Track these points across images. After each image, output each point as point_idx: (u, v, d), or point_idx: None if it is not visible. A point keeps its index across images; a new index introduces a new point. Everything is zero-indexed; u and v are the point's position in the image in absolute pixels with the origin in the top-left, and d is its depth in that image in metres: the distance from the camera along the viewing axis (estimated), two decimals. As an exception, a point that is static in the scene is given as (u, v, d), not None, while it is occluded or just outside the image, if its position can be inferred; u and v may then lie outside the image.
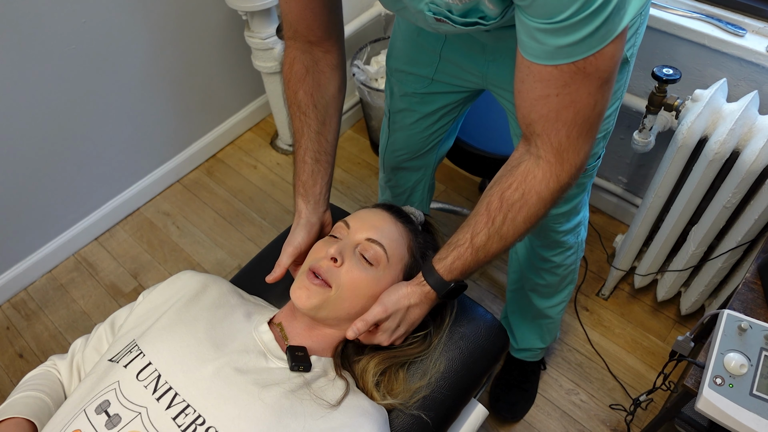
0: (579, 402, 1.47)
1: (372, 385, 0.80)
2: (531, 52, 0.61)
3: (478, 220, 0.72)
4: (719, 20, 1.25)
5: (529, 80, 0.63)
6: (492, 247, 0.73)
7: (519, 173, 0.69)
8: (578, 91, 0.61)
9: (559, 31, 0.57)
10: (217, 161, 2.12)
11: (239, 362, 0.73)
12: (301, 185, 0.90)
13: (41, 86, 1.53)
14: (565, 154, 0.66)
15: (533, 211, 0.70)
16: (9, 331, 1.69)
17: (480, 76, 0.98)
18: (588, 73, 0.60)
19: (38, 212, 1.71)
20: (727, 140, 1.12)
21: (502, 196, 0.70)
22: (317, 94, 0.89)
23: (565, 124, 0.64)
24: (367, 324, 0.77)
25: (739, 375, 0.86)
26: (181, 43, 1.80)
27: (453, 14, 0.67)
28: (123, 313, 0.87)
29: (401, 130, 1.18)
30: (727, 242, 1.27)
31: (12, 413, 0.73)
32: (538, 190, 0.68)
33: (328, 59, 0.89)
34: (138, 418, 0.66)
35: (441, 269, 0.76)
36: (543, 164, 0.67)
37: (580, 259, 1.24)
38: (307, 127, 0.89)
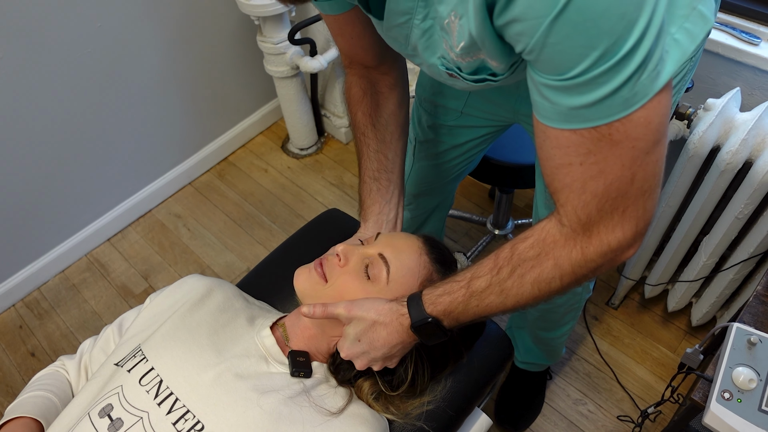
0: (586, 412, 1.45)
1: (371, 399, 0.79)
2: (543, 114, 0.54)
3: (483, 264, 0.64)
4: (734, 28, 1.24)
5: (546, 146, 0.55)
6: (488, 299, 0.63)
7: (538, 229, 0.60)
8: (606, 160, 0.51)
9: (572, 89, 0.49)
10: (229, 164, 2.14)
11: (240, 367, 0.74)
12: (361, 206, 0.91)
13: (56, 89, 1.56)
14: (595, 228, 0.56)
15: (545, 276, 0.60)
16: (22, 329, 1.71)
17: (511, 110, 0.95)
18: (615, 141, 0.50)
19: (52, 213, 1.74)
20: (739, 150, 1.10)
21: (514, 247, 0.62)
22: (375, 113, 0.89)
23: (595, 197, 0.54)
24: (324, 311, 0.71)
25: (748, 390, 0.85)
26: (194, 47, 1.82)
27: (462, 72, 0.63)
28: (131, 315, 0.88)
29: (427, 159, 1.16)
30: (739, 253, 1.25)
31: (20, 412, 0.75)
32: (557, 256, 0.58)
33: (386, 80, 0.89)
34: (139, 423, 0.67)
35: (425, 297, 0.68)
36: (567, 231, 0.57)
37: (584, 302, 1.20)
38: (366, 146, 0.90)
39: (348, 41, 0.84)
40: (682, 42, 0.58)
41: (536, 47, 0.49)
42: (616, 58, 0.46)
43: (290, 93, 1.92)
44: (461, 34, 0.56)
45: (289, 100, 1.94)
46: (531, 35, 0.48)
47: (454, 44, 0.58)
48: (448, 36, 0.58)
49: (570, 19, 0.45)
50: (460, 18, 0.54)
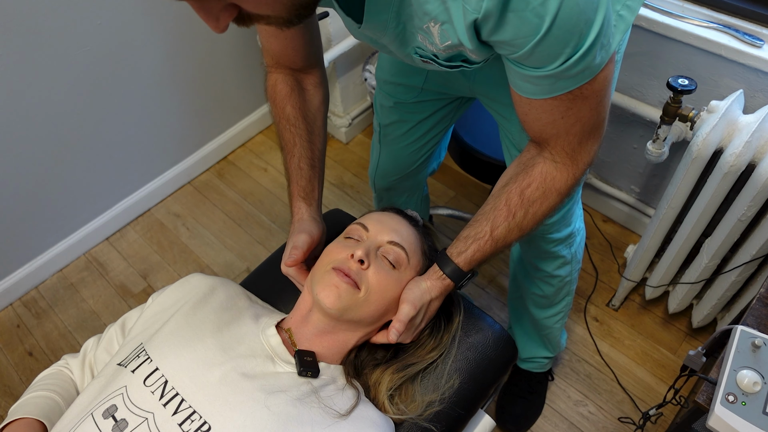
0: (587, 414, 1.45)
1: (385, 396, 0.79)
2: (528, 92, 0.66)
3: (497, 215, 0.76)
4: (737, 30, 1.24)
5: (532, 113, 0.69)
6: (510, 238, 0.77)
7: (537, 174, 0.74)
8: (581, 110, 0.67)
9: (553, 76, 0.61)
10: (228, 163, 2.13)
11: (246, 367, 0.73)
12: (300, 190, 0.91)
13: (55, 87, 1.55)
14: (578, 156, 0.72)
15: (553, 204, 0.76)
16: (19, 329, 1.70)
17: (468, 86, 1.01)
18: (586, 96, 0.65)
19: (50, 211, 1.73)
20: (743, 153, 1.10)
21: (522, 194, 0.74)
22: (304, 107, 0.92)
23: (576, 135, 0.70)
24: (403, 324, 0.77)
25: (753, 393, 0.85)
26: (195, 45, 1.81)
27: (438, 59, 0.71)
28: (134, 314, 0.87)
29: (393, 143, 1.19)
30: (741, 256, 1.25)
31: (23, 413, 0.74)
32: (558, 187, 0.74)
33: (310, 79, 0.93)
34: (145, 424, 0.66)
35: (461, 262, 0.79)
36: (560, 167, 0.73)
37: (576, 272, 1.23)
38: (299, 137, 0.91)
39: (282, 42, 0.87)
40: (625, 17, 0.71)
41: (522, 56, 0.61)
42: (583, 49, 0.59)
43: (291, 92, 1.91)
44: (444, 36, 0.64)
45: (290, 99, 1.93)
46: (518, 49, 0.60)
47: (437, 42, 0.65)
48: (429, 36, 0.65)
49: (552, 34, 0.57)
50: (441, 24, 0.62)
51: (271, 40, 0.88)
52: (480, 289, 1.72)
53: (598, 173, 1.77)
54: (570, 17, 0.56)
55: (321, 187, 0.93)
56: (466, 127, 1.41)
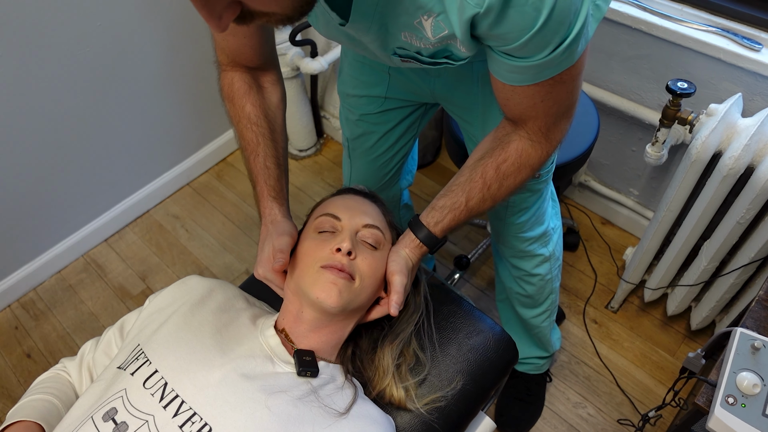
0: (586, 416, 1.45)
1: (393, 369, 0.82)
2: (513, 80, 0.69)
3: (473, 187, 0.80)
4: (735, 34, 1.24)
5: (514, 98, 0.72)
6: (483, 207, 0.82)
7: (513, 150, 0.78)
8: (559, 94, 0.71)
9: (542, 64, 0.64)
10: (227, 165, 2.13)
11: (246, 368, 0.73)
12: (270, 190, 0.87)
13: (54, 88, 1.54)
14: (552, 134, 0.77)
15: (525, 177, 0.80)
16: (17, 330, 1.70)
17: (429, 92, 1.01)
18: (564, 80, 0.69)
19: (49, 213, 1.72)
20: (741, 156, 1.11)
21: (498, 168, 0.79)
22: (264, 105, 0.90)
23: (552, 116, 0.75)
24: (402, 295, 0.79)
25: (752, 395, 0.85)
26: (194, 47, 1.82)
27: (422, 56, 0.72)
28: (132, 317, 0.87)
29: (363, 157, 1.19)
30: (740, 258, 1.26)
31: (21, 416, 0.74)
32: (532, 163, 0.79)
33: (267, 77, 0.92)
34: (145, 426, 0.66)
35: (438, 230, 0.82)
36: (536, 145, 0.78)
37: (556, 269, 1.24)
38: (262, 136, 0.88)
39: (240, 40, 0.85)
40: (601, 6, 0.74)
41: (514, 49, 0.63)
42: (570, 37, 0.62)
43: (290, 94, 1.91)
44: (439, 27, 0.64)
45: (290, 101, 1.93)
46: (512, 42, 0.62)
47: (429, 36, 0.67)
48: (418, 31, 0.67)
49: (547, 27, 0.59)
50: (437, 15, 0.63)
51: (228, 38, 0.85)
52: (479, 291, 1.72)
53: (597, 176, 1.78)
54: (563, 9, 0.58)
55: (287, 187, 0.91)
56: (465, 130, 1.41)
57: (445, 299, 0.96)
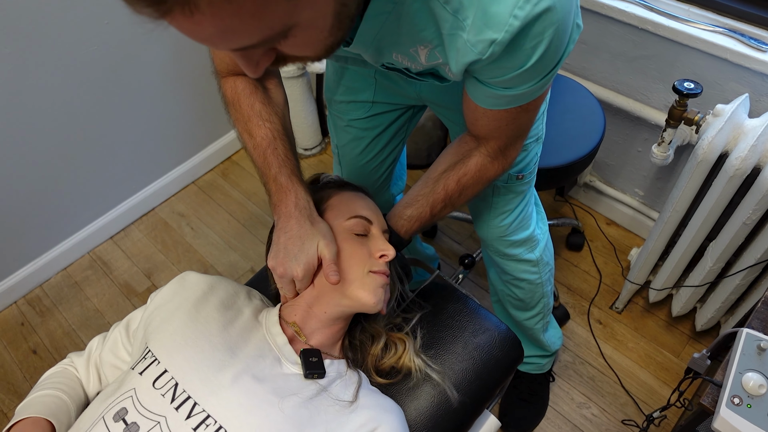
0: (590, 416, 1.45)
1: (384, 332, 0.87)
2: (487, 104, 0.73)
3: (436, 198, 0.88)
4: (742, 35, 1.24)
5: (483, 120, 0.78)
6: (444, 212, 0.90)
7: (473, 165, 0.85)
8: (522, 119, 0.77)
9: (520, 94, 0.69)
10: (233, 163, 2.13)
11: (256, 369, 0.73)
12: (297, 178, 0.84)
13: (61, 86, 1.55)
14: (508, 152, 0.84)
15: (481, 189, 0.88)
16: (23, 327, 1.71)
17: (415, 95, 1.02)
18: (530, 108, 0.74)
19: (55, 210, 1.73)
20: (748, 156, 1.10)
21: (459, 181, 0.86)
22: (271, 103, 0.88)
23: (511, 137, 0.82)
24: None
25: (758, 395, 0.85)
26: (200, 46, 1.82)
27: (410, 72, 0.76)
28: (137, 315, 0.86)
29: (352, 163, 1.19)
30: (746, 259, 1.25)
31: (30, 412, 0.74)
32: (488, 177, 0.87)
33: (268, 81, 0.90)
34: (157, 428, 0.66)
35: (407, 236, 0.91)
36: (494, 161, 0.85)
37: (546, 275, 1.23)
38: (277, 131, 0.85)
39: None
40: (580, 25, 0.75)
41: (499, 81, 0.67)
42: (552, 72, 0.66)
43: (296, 93, 1.92)
44: (433, 56, 0.68)
45: (295, 100, 1.94)
46: (500, 76, 0.65)
47: (421, 61, 0.70)
48: (411, 57, 0.70)
49: (537, 65, 0.63)
50: (434, 47, 0.65)
51: (225, 56, 0.84)
52: (484, 291, 1.72)
53: (603, 176, 1.78)
54: (555, 50, 0.62)
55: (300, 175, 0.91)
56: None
57: (450, 297, 0.96)
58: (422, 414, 0.83)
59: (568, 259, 1.77)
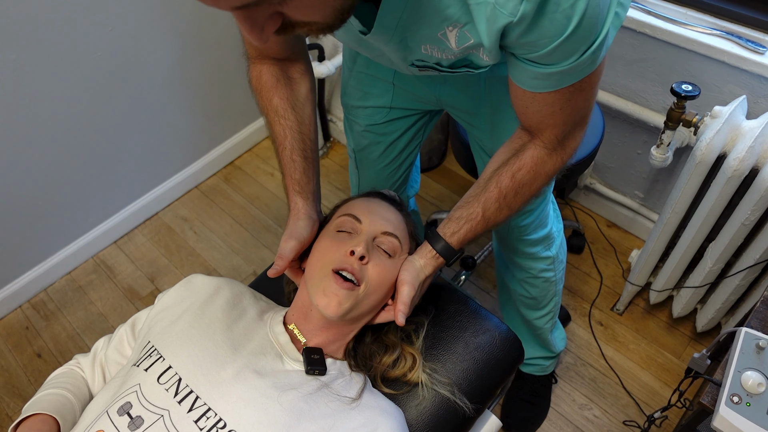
0: (592, 417, 1.46)
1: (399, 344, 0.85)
2: (535, 87, 0.69)
3: (488, 197, 0.80)
4: (739, 37, 1.25)
5: (534, 106, 0.72)
6: (500, 217, 0.81)
7: (528, 158, 0.78)
8: (577, 101, 0.71)
9: (566, 71, 0.64)
10: (235, 168, 2.15)
11: (257, 365, 0.74)
12: (295, 183, 0.88)
13: (67, 91, 1.57)
14: (567, 142, 0.77)
15: (541, 185, 0.80)
16: (28, 330, 1.72)
17: (434, 99, 1.01)
18: (584, 88, 0.69)
19: (59, 215, 1.75)
20: (746, 157, 1.11)
21: (513, 177, 0.78)
22: (292, 97, 0.89)
23: (568, 124, 0.75)
24: (407, 305, 0.79)
25: (757, 394, 0.85)
26: (204, 51, 1.84)
27: (442, 66, 0.73)
28: (143, 315, 0.88)
29: (370, 167, 1.19)
30: (745, 259, 1.26)
31: (36, 410, 0.75)
32: (547, 171, 0.79)
33: (296, 67, 0.91)
34: (160, 421, 0.67)
35: (454, 241, 0.82)
36: (551, 153, 0.78)
37: (560, 272, 1.24)
38: (289, 129, 0.88)
39: None
40: (620, 14, 0.74)
41: (541, 56, 0.63)
42: (596, 44, 0.62)
43: (297, 98, 1.93)
44: (464, 37, 0.64)
45: (297, 104, 1.95)
46: (540, 49, 0.62)
47: (452, 47, 0.67)
48: (441, 42, 0.67)
49: (576, 34, 0.59)
50: (462, 26, 0.63)
51: None
52: (485, 293, 1.73)
53: (603, 178, 1.78)
54: (592, 17, 0.58)
55: (317, 178, 0.91)
56: (471, 132, 1.42)
57: (451, 298, 0.97)
58: (423, 414, 0.84)
59: (569, 261, 1.78)
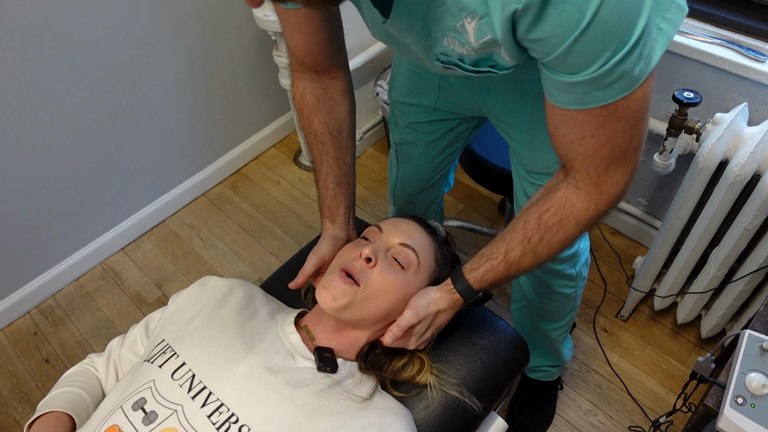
0: (597, 423, 1.46)
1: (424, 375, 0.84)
2: (561, 101, 0.63)
3: (513, 237, 0.74)
4: (740, 46, 1.27)
5: (563, 126, 0.66)
6: (525, 263, 0.75)
7: (557, 199, 0.71)
8: (613, 131, 0.63)
9: (588, 82, 0.59)
10: (241, 176, 2.17)
11: (269, 362, 0.76)
12: (326, 209, 0.94)
13: (77, 100, 1.60)
14: (604, 185, 0.68)
15: (570, 234, 0.72)
16: (36, 336, 1.73)
17: (477, 106, 1.02)
18: (620, 115, 0.62)
19: (68, 222, 1.77)
20: (748, 163, 1.13)
21: (540, 218, 0.72)
22: (330, 121, 0.93)
23: (603, 160, 0.66)
24: (401, 329, 0.79)
25: (761, 395, 0.86)
26: (212, 61, 1.87)
27: (464, 63, 0.69)
28: (156, 315, 0.90)
29: (410, 161, 1.21)
30: (749, 265, 1.27)
31: (52, 407, 0.77)
32: (577, 216, 0.70)
33: (336, 85, 0.93)
34: (174, 416, 0.69)
35: (472, 279, 0.78)
36: (582, 194, 0.69)
37: (581, 289, 1.25)
38: (325, 154, 0.93)
39: (305, 37, 0.85)
40: (666, 30, 0.69)
41: (558, 58, 0.58)
42: (622, 53, 0.56)
43: (304, 107, 1.95)
44: (482, 31, 0.61)
45: (303, 113, 1.98)
46: (554, 49, 0.57)
47: (471, 41, 0.63)
48: (461, 35, 0.64)
49: (591, 32, 0.54)
50: (480, 18, 0.60)
51: (294, 36, 0.86)
52: (489, 300, 1.73)
53: (606, 186, 1.80)
54: (611, 15, 0.53)
55: (349, 202, 0.95)
56: (476, 138, 1.44)
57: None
58: (430, 414, 0.85)
59: (573, 268, 1.79)
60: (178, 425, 0.68)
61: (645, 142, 0.68)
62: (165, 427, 0.68)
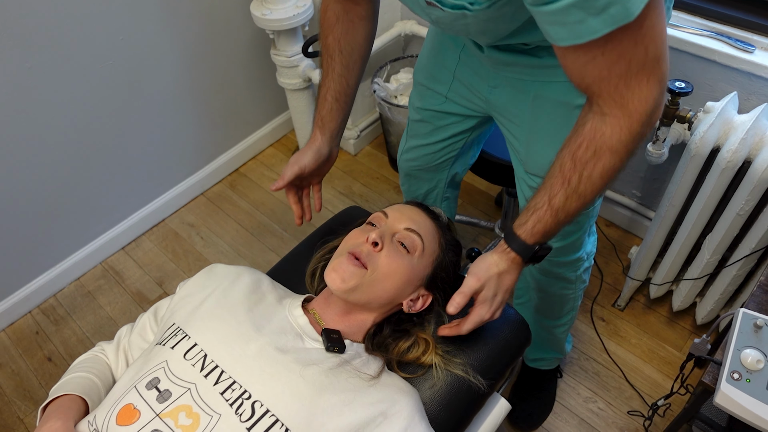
0: (597, 410, 1.48)
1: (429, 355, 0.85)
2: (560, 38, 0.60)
3: (553, 183, 0.72)
4: (729, 37, 1.31)
5: (574, 64, 0.63)
6: (571, 207, 0.72)
7: (587, 132, 0.67)
8: (621, 43, 0.58)
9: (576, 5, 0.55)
10: (240, 175, 2.19)
11: (279, 342, 0.77)
12: (320, 118, 0.99)
13: (76, 99, 1.61)
14: (630, 104, 0.63)
15: (609, 165, 0.68)
16: (38, 335, 1.74)
17: (484, 101, 1.05)
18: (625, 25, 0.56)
19: (68, 222, 1.78)
20: (738, 149, 1.16)
21: (573, 157, 0.69)
22: (344, 40, 0.96)
23: (622, 77, 0.62)
24: (465, 296, 0.78)
25: (756, 370, 0.89)
26: (211, 60, 1.89)
27: (443, 2, 0.68)
28: (164, 303, 0.92)
29: (416, 138, 1.25)
30: (742, 250, 1.30)
31: (65, 391, 0.78)
32: (610, 145, 0.66)
33: (357, 11, 0.96)
34: (187, 393, 0.70)
35: (523, 234, 0.76)
36: (609, 120, 0.65)
37: (581, 291, 1.27)
38: (332, 69, 0.97)
39: None
40: None
41: None
42: None
43: (302, 105, 1.98)
44: None
45: (301, 111, 2.00)
46: None
47: None
48: None
49: None
50: None
51: None
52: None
53: (601, 179, 1.83)
54: None
55: (342, 120, 1.00)
56: (473, 132, 1.46)
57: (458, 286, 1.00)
58: (436, 393, 0.87)
59: (570, 260, 1.81)
60: (192, 402, 0.69)
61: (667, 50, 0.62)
62: (179, 404, 0.69)
